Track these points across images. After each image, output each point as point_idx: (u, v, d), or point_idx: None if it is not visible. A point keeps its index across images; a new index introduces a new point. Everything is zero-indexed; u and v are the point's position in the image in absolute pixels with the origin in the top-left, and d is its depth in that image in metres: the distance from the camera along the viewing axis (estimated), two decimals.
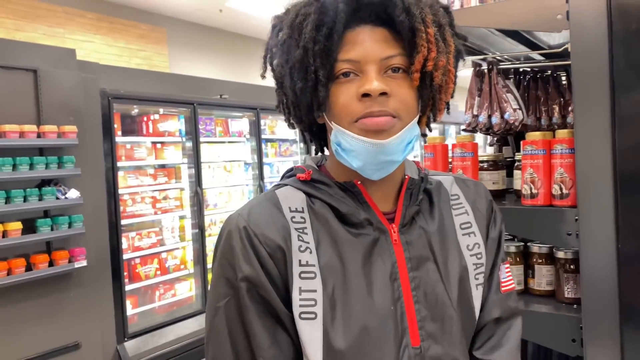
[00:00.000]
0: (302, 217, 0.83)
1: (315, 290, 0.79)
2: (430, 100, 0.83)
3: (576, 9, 1.30)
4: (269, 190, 0.89)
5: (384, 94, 0.77)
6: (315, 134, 0.93)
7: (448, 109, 0.88)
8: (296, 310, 0.78)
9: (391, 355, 0.79)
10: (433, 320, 0.83)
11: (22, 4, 7.26)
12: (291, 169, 0.93)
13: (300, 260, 0.80)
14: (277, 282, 0.80)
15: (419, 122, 0.85)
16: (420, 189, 0.90)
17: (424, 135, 0.92)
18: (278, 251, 0.80)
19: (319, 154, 0.96)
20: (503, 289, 0.94)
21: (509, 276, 0.96)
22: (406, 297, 0.82)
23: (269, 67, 0.88)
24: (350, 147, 0.80)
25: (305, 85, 0.79)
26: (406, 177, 0.90)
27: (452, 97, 0.86)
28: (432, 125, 0.91)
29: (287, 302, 0.80)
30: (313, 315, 0.78)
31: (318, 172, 0.88)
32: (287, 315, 0.80)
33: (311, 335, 0.78)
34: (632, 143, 1.26)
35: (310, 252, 0.81)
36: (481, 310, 0.90)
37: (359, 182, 0.85)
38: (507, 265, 0.97)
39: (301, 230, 0.82)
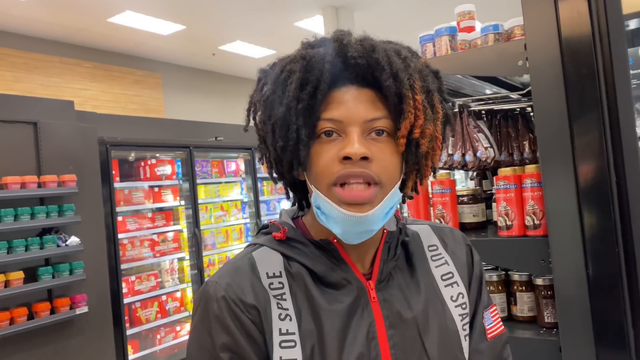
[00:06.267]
0: (280, 283, 0.81)
1: (295, 359, 0.76)
2: (416, 166, 0.81)
3: (534, 56, 1.43)
4: (246, 251, 0.87)
5: (365, 158, 0.74)
6: (297, 190, 0.90)
7: (434, 172, 0.89)
8: None
9: None
10: None
11: (20, 57, 7.48)
12: (266, 226, 0.90)
13: (280, 329, 0.78)
14: (262, 349, 0.78)
15: (404, 186, 0.83)
16: (398, 241, 0.87)
17: (410, 198, 0.89)
18: (258, 319, 0.78)
19: (296, 205, 0.93)
20: (490, 335, 0.90)
21: (496, 321, 0.93)
22: (384, 357, 0.79)
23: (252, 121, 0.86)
24: (330, 213, 0.78)
25: (287, 144, 0.77)
26: (384, 231, 0.87)
27: (439, 161, 0.88)
28: None
29: None
30: None
31: (294, 230, 0.86)
32: None
33: None
34: (592, 174, 1.37)
35: (290, 320, 0.78)
36: None
37: (335, 240, 0.83)
38: (493, 309, 0.94)
39: (280, 297, 0.80)
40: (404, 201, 0.89)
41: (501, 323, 0.94)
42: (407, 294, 0.85)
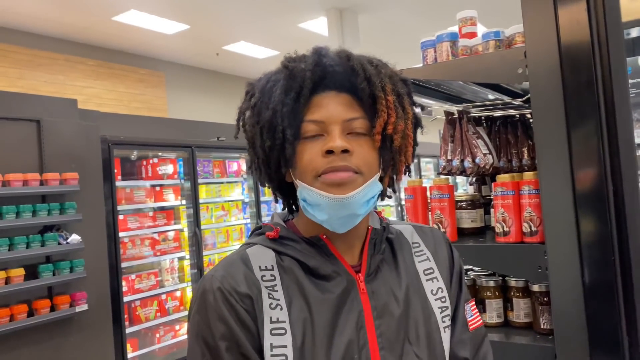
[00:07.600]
0: (272, 275, 0.87)
1: (285, 346, 0.81)
2: (391, 161, 0.89)
3: (533, 63, 1.44)
4: (240, 248, 0.93)
5: (346, 151, 0.82)
6: (284, 193, 0.97)
7: (409, 170, 0.96)
8: None
9: None
10: None
11: (24, 53, 7.50)
12: (260, 227, 0.97)
13: (271, 317, 0.83)
14: (255, 337, 0.83)
15: (382, 181, 0.90)
16: (382, 237, 0.94)
17: (389, 197, 0.96)
18: (252, 308, 0.83)
19: (286, 209, 1.00)
20: (471, 326, 0.97)
21: (475, 314, 1.00)
22: (371, 345, 0.84)
23: (241, 129, 0.93)
24: (315, 201, 0.84)
25: (274, 143, 0.85)
26: (369, 227, 0.94)
27: (412, 160, 0.94)
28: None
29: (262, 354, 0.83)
30: None
31: (285, 229, 0.93)
32: None
33: None
34: (589, 182, 1.37)
35: (281, 309, 0.84)
36: (451, 351, 0.93)
37: (324, 236, 0.89)
38: (472, 303, 1.01)
39: (271, 288, 0.85)
40: (382, 199, 0.95)
41: (480, 317, 1.02)
42: (393, 287, 0.91)
